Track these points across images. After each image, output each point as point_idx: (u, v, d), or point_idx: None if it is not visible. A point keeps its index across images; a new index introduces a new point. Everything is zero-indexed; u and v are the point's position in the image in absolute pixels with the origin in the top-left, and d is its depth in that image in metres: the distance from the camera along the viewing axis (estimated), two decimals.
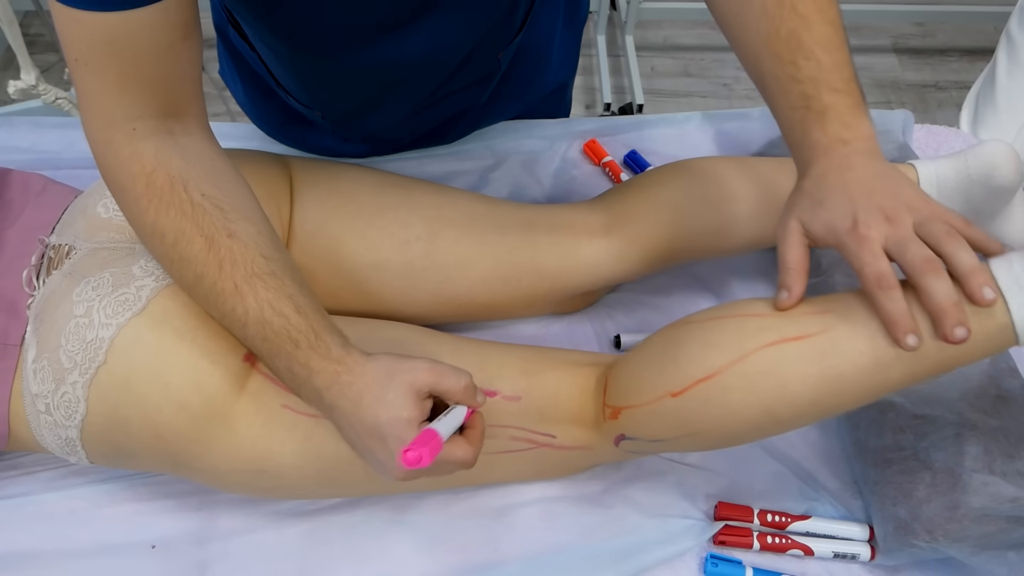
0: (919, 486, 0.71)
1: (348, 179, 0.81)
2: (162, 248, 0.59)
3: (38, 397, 0.65)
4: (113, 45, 0.54)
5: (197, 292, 0.60)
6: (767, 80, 0.61)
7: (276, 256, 0.60)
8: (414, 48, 0.70)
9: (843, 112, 0.57)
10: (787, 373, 0.58)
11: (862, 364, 0.56)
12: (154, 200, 0.57)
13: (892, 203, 0.54)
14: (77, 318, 0.64)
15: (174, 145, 0.59)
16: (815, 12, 0.59)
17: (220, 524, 0.75)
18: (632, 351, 0.70)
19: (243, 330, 0.59)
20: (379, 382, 0.56)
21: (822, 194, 0.57)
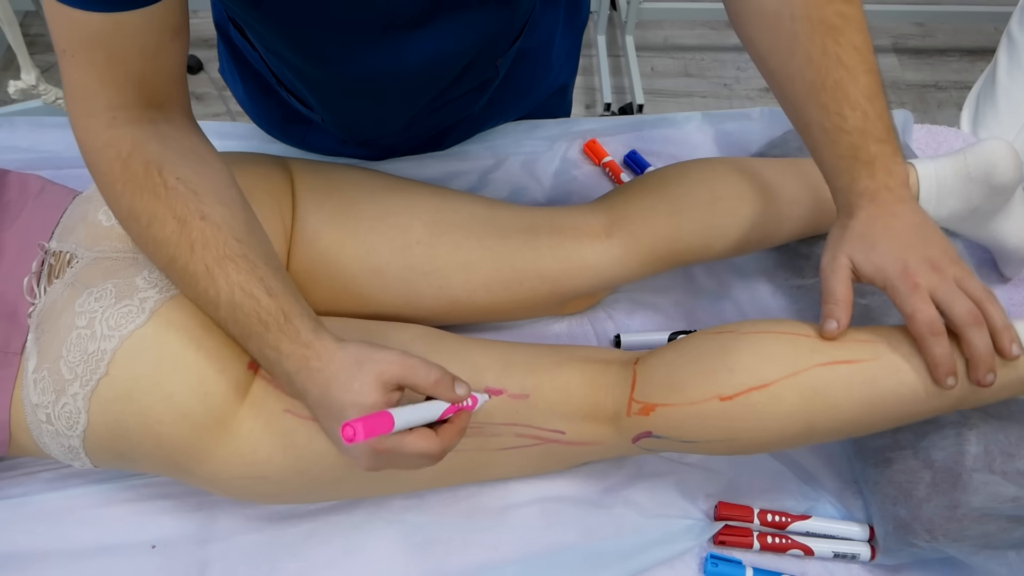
0: (919, 485, 0.71)
1: (348, 183, 0.81)
2: (137, 231, 0.60)
3: (39, 407, 0.65)
4: (101, 43, 0.55)
5: (171, 273, 0.60)
6: (812, 128, 0.64)
7: (250, 240, 0.60)
8: (415, 57, 0.70)
9: (887, 161, 0.63)
10: (837, 393, 0.63)
11: (902, 394, 0.63)
12: (129, 184, 0.58)
13: (937, 255, 0.62)
14: (79, 329, 0.64)
15: (154, 132, 0.59)
16: (859, 63, 0.62)
17: (220, 524, 0.75)
18: (665, 351, 0.71)
19: (216, 312, 0.59)
20: (347, 370, 0.56)
21: (873, 238, 0.63)
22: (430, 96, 0.79)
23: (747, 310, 0.91)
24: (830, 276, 0.65)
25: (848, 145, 0.63)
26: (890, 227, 0.63)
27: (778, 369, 0.64)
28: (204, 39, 2.09)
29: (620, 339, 0.88)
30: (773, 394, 0.64)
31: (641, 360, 0.72)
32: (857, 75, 0.62)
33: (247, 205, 0.63)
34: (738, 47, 2.14)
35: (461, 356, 0.71)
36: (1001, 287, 0.93)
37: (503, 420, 0.70)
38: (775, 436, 0.66)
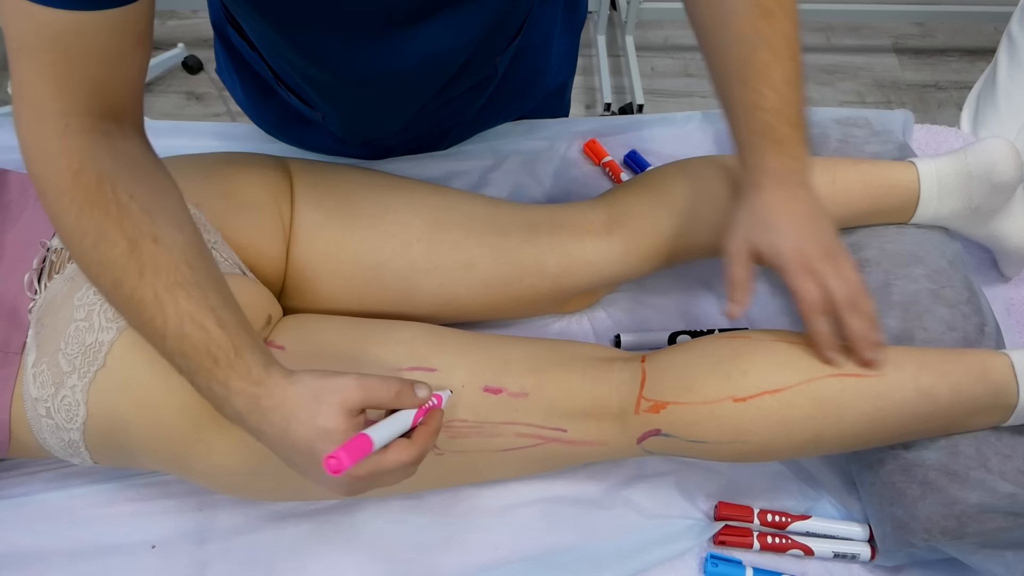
0: (913, 484, 0.71)
1: (348, 181, 0.81)
2: (82, 249, 0.55)
3: (38, 401, 0.65)
4: (61, 43, 0.52)
5: (115, 299, 0.56)
6: (733, 103, 0.68)
7: (202, 267, 0.57)
8: (415, 55, 0.70)
9: (795, 146, 0.66)
10: (846, 404, 0.67)
11: (905, 412, 0.67)
12: (78, 198, 0.54)
13: (829, 243, 0.67)
14: (77, 322, 0.64)
15: (108, 145, 0.56)
16: (785, 49, 0.65)
17: (220, 524, 0.75)
18: (676, 351, 0.72)
19: (162, 342, 0.55)
20: (306, 406, 0.54)
21: (772, 220, 0.67)
22: (430, 94, 0.79)
23: (747, 310, 0.90)
24: (732, 261, 0.69)
25: (762, 123, 0.66)
26: (791, 210, 0.67)
27: (792, 376, 0.67)
28: (204, 39, 2.09)
29: (620, 339, 0.88)
30: (786, 400, 0.66)
31: (649, 358, 0.72)
32: (782, 59, 0.65)
33: (198, 230, 0.59)
34: None
35: (460, 354, 0.71)
36: (1001, 287, 0.93)
37: (503, 419, 0.70)
38: (783, 442, 0.68)
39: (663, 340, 0.88)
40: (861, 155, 0.90)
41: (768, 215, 0.67)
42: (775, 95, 0.65)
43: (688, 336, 0.88)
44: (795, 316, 0.91)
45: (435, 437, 0.58)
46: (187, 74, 2.01)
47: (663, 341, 0.88)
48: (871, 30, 2.20)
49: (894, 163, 0.85)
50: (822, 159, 0.86)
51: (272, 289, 0.78)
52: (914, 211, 0.84)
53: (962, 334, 0.78)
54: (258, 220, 0.75)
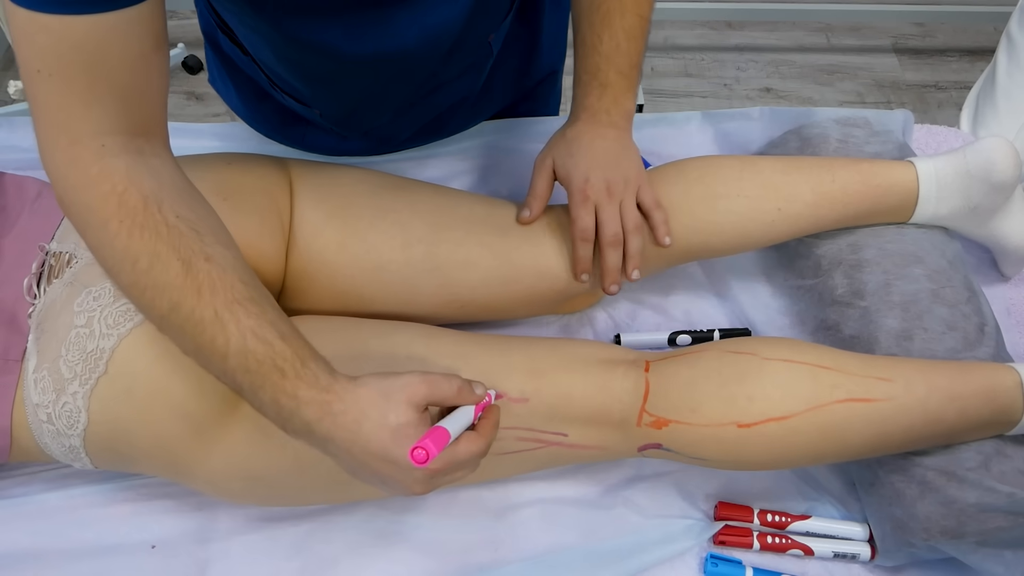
0: (912, 485, 0.71)
1: (348, 181, 0.81)
2: (133, 276, 0.54)
3: (39, 407, 0.65)
4: (83, 52, 0.51)
5: (171, 323, 0.55)
6: (577, 41, 0.76)
7: (253, 282, 0.57)
8: (407, 32, 0.70)
9: (619, 92, 0.75)
10: (853, 431, 0.67)
11: (909, 435, 0.68)
12: (126, 221, 0.53)
13: (615, 177, 0.75)
14: (78, 328, 0.64)
15: (145, 165, 0.55)
16: (634, 6, 0.73)
17: (220, 524, 0.75)
18: (680, 364, 0.72)
19: (223, 362, 0.54)
20: (376, 405, 0.54)
21: (574, 148, 0.76)
22: (426, 74, 0.79)
23: (747, 310, 0.91)
24: (535, 172, 0.79)
25: (594, 64, 0.74)
26: (592, 144, 0.75)
27: (798, 403, 0.67)
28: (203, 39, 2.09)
29: (620, 339, 0.88)
30: (791, 427, 0.66)
31: (653, 368, 0.72)
32: (626, 13, 0.73)
33: (237, 245, 0.60)
34: (738, 47, 2.15)
35: (459, 357, 0.71)
36: (1001, 286, 0.93)
37: (504, 424, 0.70)
38: (784, 462, 0.69)
39: (663, 340, 0.88)
40: (861, 155, 0.90)
41: (572, 143, 0.76)
42: (611, 42, 0.73)
43: (688, 336, 0.88)
44: (795, 316, 0.91)
45: (496, 430, 0.60)
46: (187, 74, 2.01)
47: (663, 341, 0.88)
48: (871, 30, 2.20)
49: (893, 163, 0.85)
50: (822, 158, 0.86)
51: (271, 290, 0.78)
52: (913, 210, 0.84)
53: (962, 334, 0.78)
54: (258, 221, 0.75)
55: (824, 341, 0.85)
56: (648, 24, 0.75)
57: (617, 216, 0.75)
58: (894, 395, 0.68)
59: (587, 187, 0.74)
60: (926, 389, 0.68)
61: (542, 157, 0.79)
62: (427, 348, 0.71)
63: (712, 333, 0.88)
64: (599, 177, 0.75)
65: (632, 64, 0.75)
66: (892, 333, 0.79)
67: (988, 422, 0.70)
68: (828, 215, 0.83)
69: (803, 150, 0.92)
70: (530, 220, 0.78)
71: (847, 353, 0.73)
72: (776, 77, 2.09)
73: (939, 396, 0.68)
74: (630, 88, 0.76)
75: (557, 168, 0.77)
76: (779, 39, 2.16)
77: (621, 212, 0.75)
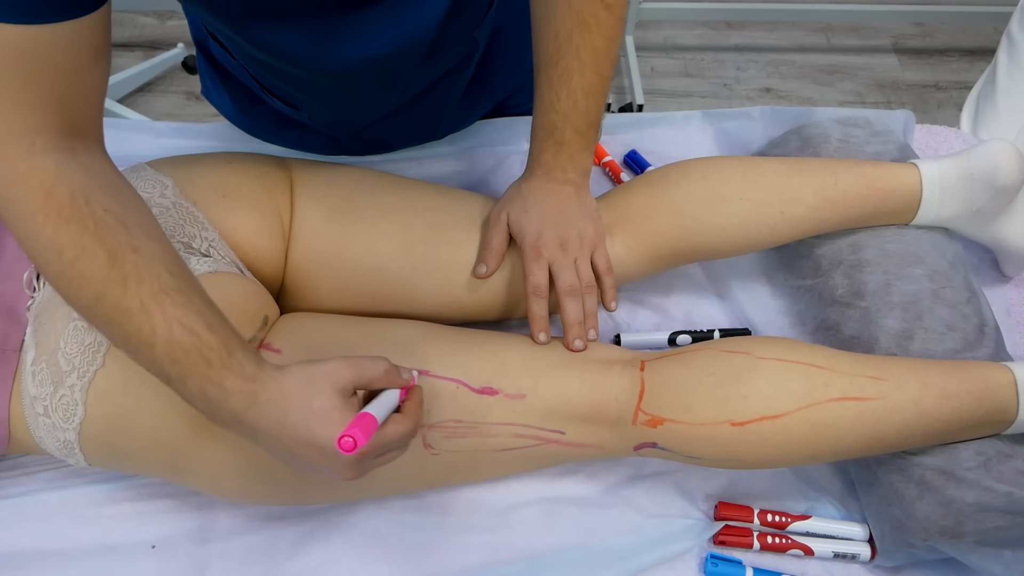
0: (910, 485, 0.71)
1: (349, 181, 0.81)
2: (59, 267, 0.54)
3: (36, 399, 0.64)
4: (20, 59, 0.51)
5: (97, 313, 0.55)
6: (536, 94, 0.75)
7: (182, 273, 0.57)
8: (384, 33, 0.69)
9: (575, 150, 0.74)
10: (845, 430, 0.67)
11: (903, 433, 0.68)
12: (52, 215, 0.53)
13: (570, 234, 0.75)
14: (76, 321, 0.64)
15: (75, 161, 0.55)
16: (592, 62, 0.71)
17: (220, 524, 0.75)
18: (675, 363, 0.72)
19: (150, 352, 0.55)
20: (300, 393, 0.55)
21: (529, 204, 0.75)
22: (408, 75, 0.78)
23: (747, 310, 0.91)
24: (490, 227, 0.78)
25: (550, 121, 0.73)
26: (546, 201, 0.75)
27: (791, 402, 0.67)
28: None
29: (620, 339, 0.88)
30: (784, 426, 0.66)
31: (648, 367, 0.72)
32: (585, 71, 0.71)
33: (169, 241, 0.60)
34: (738, 47, 2.15)
35: (457, 354, 0.71)
36: (1001, 287, 0.93)
37: (500, 420, 0.70)
38: (778, 460, 0.69)
39: (663, 340, 0.88)
40: (861, 155, 0.90)
41: (527, 199, 0.76)
42: (569, 100, 0.72)
43: (688, 336, 0.88)
44: (795, 316, 0.91)
45: (421, 408, 0.62)
46: (187, 74, 2.01)
47: (663, 341, 0.88)
48: (871, 30, 2.20)
49: (896, 165, 0.85)
50: (824, 160, 0.86)
51: (271, 289, 0.78)
52: (916, 213, 0.84)
53: (962, 334, 0.78)
54: (257, 220, 0.75)
55: (824, 341, 0.85)
56: (608, 82, 0.73)
57: (573, 269, 0.74)
58: (887, 394, 0.68)
59: (540, 243, 0.74)
60: (919, 388, 0.68)
61: (496, 211, 0.78)
62: (425, 346, 0.72)
63: (712, 333, 0.88)
64: (553, 233, 0.74)
65: (590, 123, 0.74)
66: (892, 333, 0.79)
67: (983, 421, 0.70)
68: (830, 217, 0.83)
69: (803, 150, 0.92)
70: (486, 275, 0.77)
71: (841, 352, 0.73)
72: (776, 77, 2.09)
73: (933, 395, 0.68)
74: (587, 146, 0.75)
75: (511, 223, 0.76)
76: (779, 39, 2.16)
77: (576, 269, 0.74)
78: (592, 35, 0.70)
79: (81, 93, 0.55)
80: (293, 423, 0.54)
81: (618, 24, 0.71)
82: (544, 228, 0.74)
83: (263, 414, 0.55)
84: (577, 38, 0.70)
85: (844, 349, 0.80)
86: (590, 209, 0.77)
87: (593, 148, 0.77)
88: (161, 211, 0.72)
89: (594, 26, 0.69)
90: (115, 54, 2.00)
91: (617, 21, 0.71)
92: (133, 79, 1.88)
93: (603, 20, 0.70)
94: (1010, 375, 0.70)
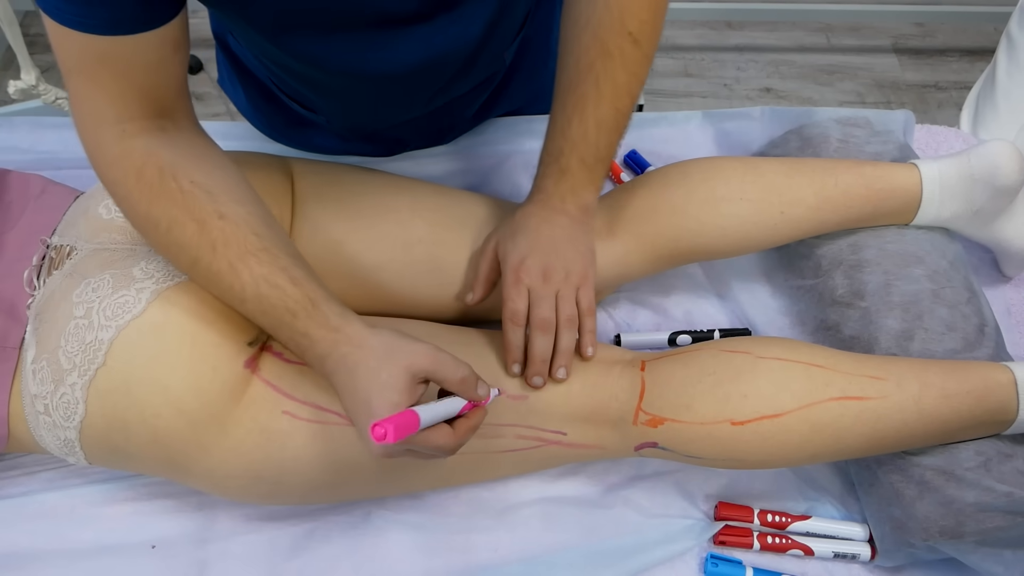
0: (910, 485, 0.72)
1: (349, 180, 0.81)
2: (156, 237, 0.61)
3: (37, 398, 0.64)
4: (105, 61, 0.56)
5: (195, 275, 0.62)
6: (551, 117, 0.72)
7: (268, 233, 0.61)
8: (414, 54, 0.69)
9: (578, 182, 0.71)
10: (845, 429, 0.67)
11: (903, 433, 0.68)
12: (144, 192, 0.59)
13: (555, 265, 0.70)
14: (77, 319, 0.64)
15: (164, 139, 0.60)
16: (610, 94, 0.68)
17: (220, 524, 0.75)
18: (676, 363, 0.72)
19: (242, 307, 0.61)
20: (377, 357, 0.58)
21: (518, 229, 0.72)
22: (434, 91, 0.79)
23: (747, 310, 0.91)
24: (481, 254, 0.76)
25: (557, 147, 0.71)
26: (538, 228, 0.72)
27: (791, 401, 0.67)
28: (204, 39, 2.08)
29: (620, 339, 0.88)
30: (784, 425, 0.67)
31: (649, 367, 0.72)
32: (602, 102, 0.69)
33: (260, 201, 0.64)
34: (738, 47, 2.15)
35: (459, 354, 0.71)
36: (1002, 287, 0.93)
37: (503, 421, 0.70)
38: (779, 460, 0.69)
39: (663, 340, 0.88)
40: (861, 155, 0.90)
41: (517, 224, 0.73)
42: (580, 129, 0.69)
43: (688, 336, 0.88)
44: (795, 317, 0.91)
45: (472, 434, 0.61)
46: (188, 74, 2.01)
47: (663, 341, 0.88)
48: (871, 30, 2.20)
49: (896, 165, 0.85)
50: (824, 160, 0.86)
51: None
52: (916, 213, 0.84)
53: (962, 335, 0.78)
54: None
55: (824, 341, 0.85)
56: (625, 120, 0.71)
57: (552, 302, 0.70)
58: (887, 393, 0.68)
59: (521, 269, 0.70)
60: (919, 387, 0.68)
61: (489, 237, 0.76)
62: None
63: (712, 333, 0.89)
64: (536, 261, 0.70)
65: (598, 157, 0.71)
66: (892, 333, 0.79)
67: (983, 421, 0.70)
68: (830, 218, 0.83)
69: (804, 150, 0.92)
70: (472, 303, 0.76)
71: (841, 352, 0.73)
72: (776, 77, 2.09)
73: (932, 394, 0.68)
74: (591, 181, 0.72)
75: (499, 248, 0.74)
76: (779, 39, 2.16)
77: (556, 302, 0.70)
78: (615, 67, 0.67)
79: (164, 81, 0.60)
80: (358, 380, 0.57)
81: (644, 61, 0.68)
82: (529, 255, 0.70)
83: (339, 363, 0.59)
84: (599, 67, 0.68)
85: (844, 349, 0.80)
86: (582, 246, 0.72)
87: (599, 185, 0.73)
88: None
89: (618, 58, 0.67)
90: None
91: (643, 57, 0.68)
92: None
93: (628, 53, 0.67)
94: (1010, 375, 0.70)
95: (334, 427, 0.66)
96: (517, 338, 0.70)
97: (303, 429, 0.66)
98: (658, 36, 0.69)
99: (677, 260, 0.84)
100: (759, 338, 0.83)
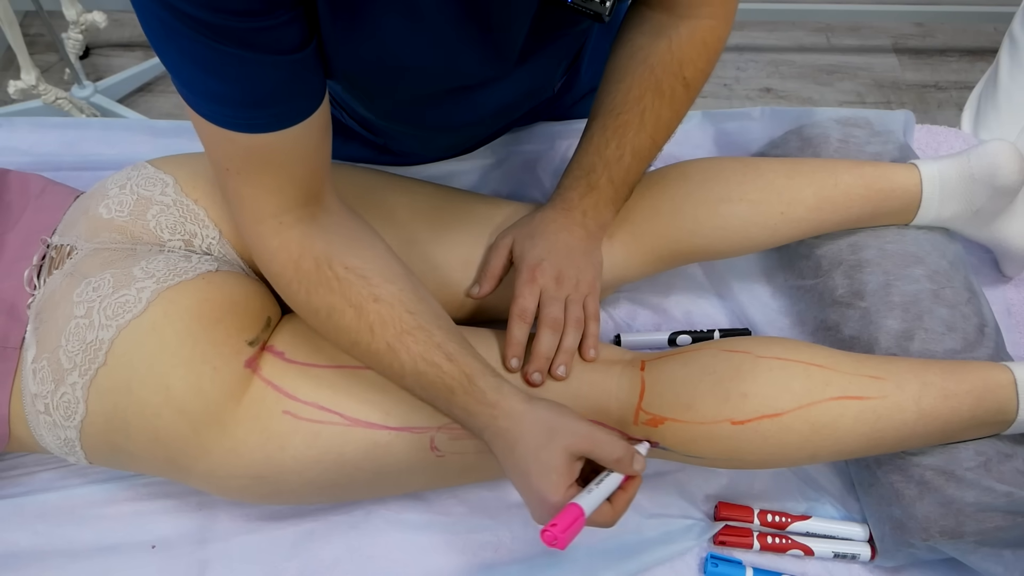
0: (910, 485, 0.72)
1: (349, 180, 0.81)
2: (317, 322, 0.63)
3: (37, 397, 0.65)
4: (264, 158, 0.57)
5: (358, 354, 0.63)
6: (586, 134, 0.75)
7: (421, 309, 0.63)
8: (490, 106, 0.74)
9: (602, 199, 0.74)
10: (845, 429, 0.68)
11: (903, 432, 0.68)
12: (304, 283, 0.61)
13: (568, 272, 0.73)
14: (77, 319, 0.64)
15: (316, 227, 0.62)
16: (653, 127, 0.72)
17: (220, 524, 0.75)
18: (676, 363, 0.72)
19: (402, 382, 0.63)
20: (535, 436, 0.60)
21: (537, 232, 0.75)
22: (500, 125, 0.84)
23: (747, 310, 0.91)
24: (493, 249, 0.77)
25: (590, 163, 0.74)
26: (557, 234, 0.74)
27: (791, 400, 0.67)
28: None
29: (620, 339, 0.88)
30: (784, 424, 0.67)
31: (649, 367, 0.72)
32: (642, 132, 0.72)
33: (410, 273, 0.66)
34: (738, 47, 2.14)
35: None
36: (1001, 287, 0.93)
37: None
38: (779, 460, 0.69)
39: (663, 340, 0.88)
40: (862, 155, 0.90)
41: (536, 227, 0.75)
42: (617, 152, 0.72)
43: (688, 336, 0.88)
44: (795, 317, 0.91)
45: (629, 505, 0.62)
46: None
47: (663, 341, 0.88)
48: (871, 30, 2.20)
49: (896, 166, 0.85)
50: (824, 161, 0.86)
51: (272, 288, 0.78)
52: (916, 213, 0.84)
53: (962, 335, 0.78)
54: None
55: (824, 341, 0.85)
56: (656, 152, 0.74)
57: (562, 304, 0.72)
58: (886, 393, 0.68)
59: (537, 269, 0.72)
60: (919, 387, 0.68)
61: (503, 234, 0.78)
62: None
63: (712, 333, 0.89)
64: (552, 264, 0.73)
65: (625, 181, 0.74)
66: (892, 334, 0.79)
67: (983, 421, 0.70)
68: (830, 218, 0.83)
69: (804, 150, 0.92)
70: (478, 297, 0.77)
71: (841, 352, 0.73)
72: (776, 77, 2.09)
73: (932, 394, 0.68)
74: (614, 201, 0.75)
75: (515, 247, 0.75)
76: (779, 39, 2.16)
77: (565, 305, 0.72)
78: (663, 104, 0.71)
79: (317, 165, 0.61)
80: (518, 456, 0.60)
81: (689, 102, 0.72)
82: (546, 257, 0.73)
83: (497, 436, 0.61)
84: (647, 101, 0.71)
85: (844, 349, 0.80)
86: (595, 259, 0.76)
87: (618, 208, 0.76)
88: (162, 208, 0.72)
89: (668, 96, 0.71)
90: (115, 54, 2.00)
91: (689, 100, 0.72)
92: (133, 79, 1.88)
93: (678, 94, 0.71)
94: (1010, 375, 0.70)
95: (335, 427, 0.66)
96: (521, 334, 0.71)
97: (304, 429, 0.66)
98: (706, 81, 0.72)
99: (677, 260, 0.84)
100: (759, 338, 0.83)
